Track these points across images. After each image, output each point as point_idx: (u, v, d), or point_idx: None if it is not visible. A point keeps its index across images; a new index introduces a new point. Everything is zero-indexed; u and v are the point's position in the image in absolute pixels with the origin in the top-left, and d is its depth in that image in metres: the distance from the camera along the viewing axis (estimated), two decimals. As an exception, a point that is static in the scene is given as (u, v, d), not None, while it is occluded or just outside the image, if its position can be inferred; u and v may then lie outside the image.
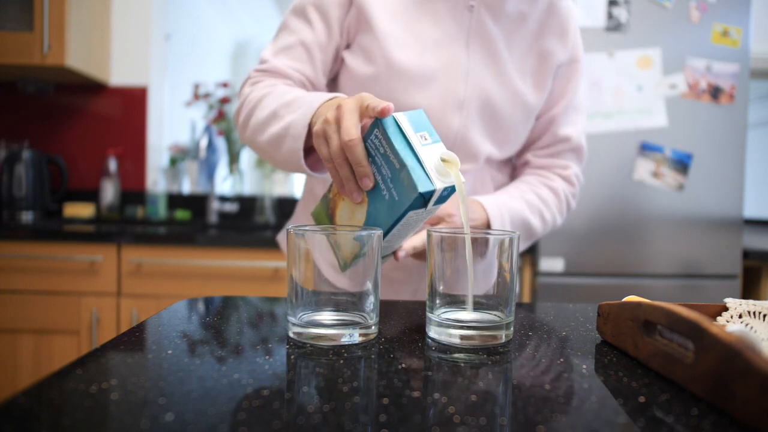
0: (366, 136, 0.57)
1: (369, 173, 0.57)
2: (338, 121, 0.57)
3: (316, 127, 0.60)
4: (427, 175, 0.53)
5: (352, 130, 0.55)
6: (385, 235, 0.58)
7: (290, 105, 0.72)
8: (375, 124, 0.56)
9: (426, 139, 0.55)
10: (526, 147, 0.94)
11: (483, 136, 0.84)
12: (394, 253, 0.67)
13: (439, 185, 0.53)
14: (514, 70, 0.84)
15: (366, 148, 0.57)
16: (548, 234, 1.80)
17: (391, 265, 0.88)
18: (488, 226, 0.80)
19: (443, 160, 0.54)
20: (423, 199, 0.53)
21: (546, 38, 0.86)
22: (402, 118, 0.55)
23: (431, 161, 0.54)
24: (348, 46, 0.85)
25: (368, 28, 0.80)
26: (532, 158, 0.93)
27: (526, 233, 0.86)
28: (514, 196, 0.86)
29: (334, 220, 0.66)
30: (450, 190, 0.55)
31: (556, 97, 0.90)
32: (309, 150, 0.72)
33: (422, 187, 0.52)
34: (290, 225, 1.01)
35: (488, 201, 0.81)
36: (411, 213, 0.55)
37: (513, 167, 0.98)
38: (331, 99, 0.68)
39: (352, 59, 0.83)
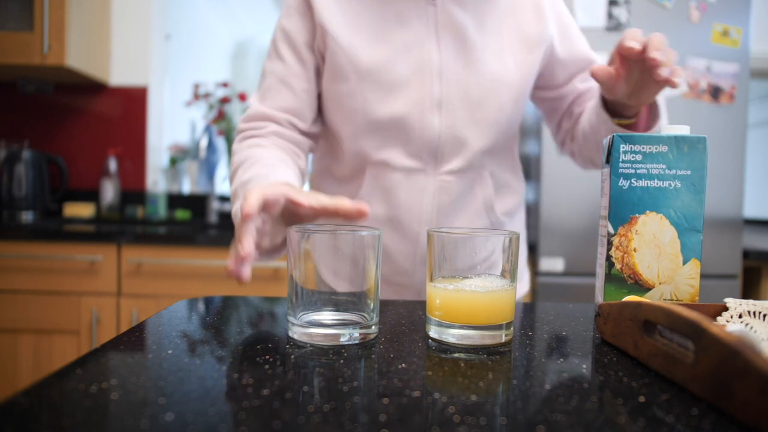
0: None
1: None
2: (239, 238, 0.54)
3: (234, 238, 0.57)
4: None
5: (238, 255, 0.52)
6: None
7: (244, 187, 0.70)
8: None
9: None
10: (564, 82, 0.92)
11: (471, 129, 0.83)
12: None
13: None
14: (490, 54, 0.83)
15: None
16: (549, 233, 1.81)
17: (391, 270, 0.88)
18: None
19: None
20: None
21: (519, 16, 0.85)
22: None
23: None
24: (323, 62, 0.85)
25: (334, 45, 0.81)
26: (580, 85, 0.91)
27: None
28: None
29: None
30: None
31: (570, 52, 0.89)
32: None
33: None
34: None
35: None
36: None
37: (514, 161, 0.94)
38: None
39: (325, 80, 0.84)
